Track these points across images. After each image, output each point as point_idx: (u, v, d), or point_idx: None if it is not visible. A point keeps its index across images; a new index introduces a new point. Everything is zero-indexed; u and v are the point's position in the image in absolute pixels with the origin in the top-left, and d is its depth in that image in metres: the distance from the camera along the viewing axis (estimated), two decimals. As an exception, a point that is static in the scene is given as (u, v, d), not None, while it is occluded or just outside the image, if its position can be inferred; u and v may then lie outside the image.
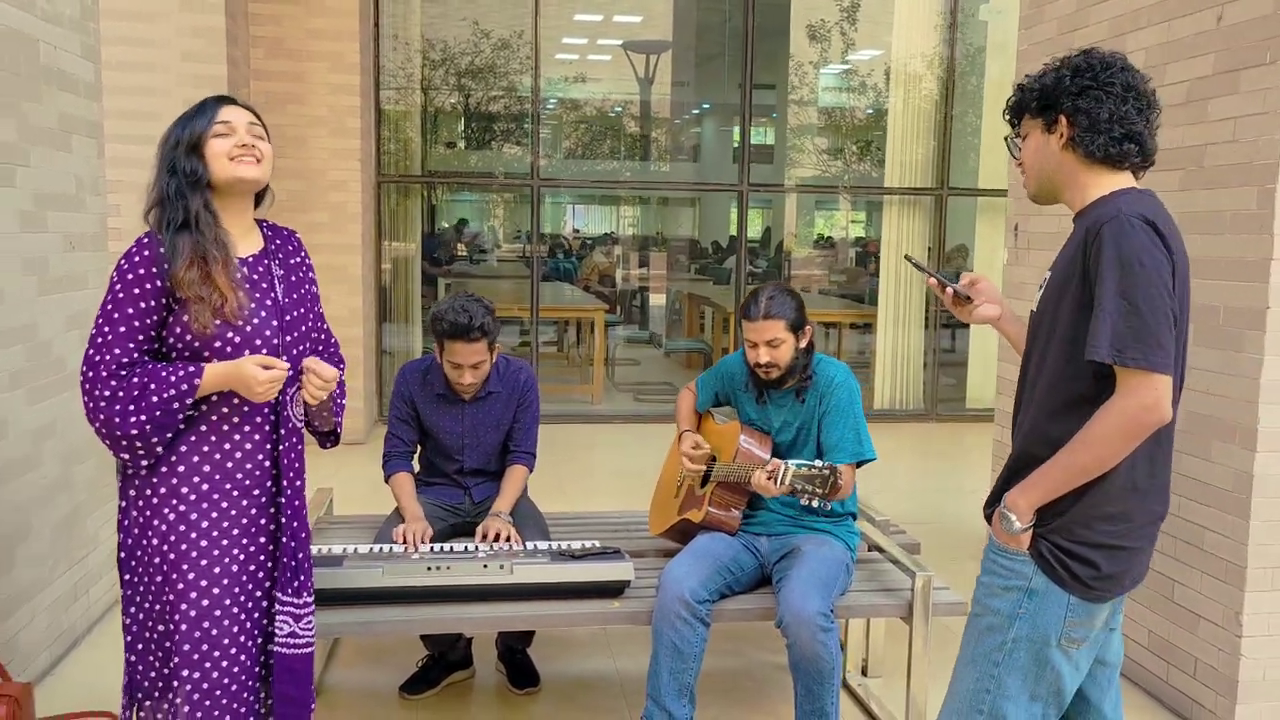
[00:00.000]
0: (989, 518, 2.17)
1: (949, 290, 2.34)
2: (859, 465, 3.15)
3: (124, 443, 2.18)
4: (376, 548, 3.17)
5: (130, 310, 2.19)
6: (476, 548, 3.16)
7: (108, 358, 2.18)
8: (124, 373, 2.18)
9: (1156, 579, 3.53)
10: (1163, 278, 1.88)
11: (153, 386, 2.16)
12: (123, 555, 2.31)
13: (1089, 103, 2.00)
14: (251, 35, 6.80)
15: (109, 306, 2.20)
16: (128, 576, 2.31)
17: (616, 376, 9.91)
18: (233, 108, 2.30)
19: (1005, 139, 2.21)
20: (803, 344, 3.13)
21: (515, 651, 3.58)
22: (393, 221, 8.24)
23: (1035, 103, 2.07)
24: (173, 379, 2.17)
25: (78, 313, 3.79)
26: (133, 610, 2.32)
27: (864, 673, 3.67)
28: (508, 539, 3.22)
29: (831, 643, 2.85)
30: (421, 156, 9.11)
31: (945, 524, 5.58)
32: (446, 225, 13.34)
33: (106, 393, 2.16)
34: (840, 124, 11.63)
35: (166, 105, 5.94)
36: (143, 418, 2.16)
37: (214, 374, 2.19)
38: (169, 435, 2.20)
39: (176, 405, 2.17)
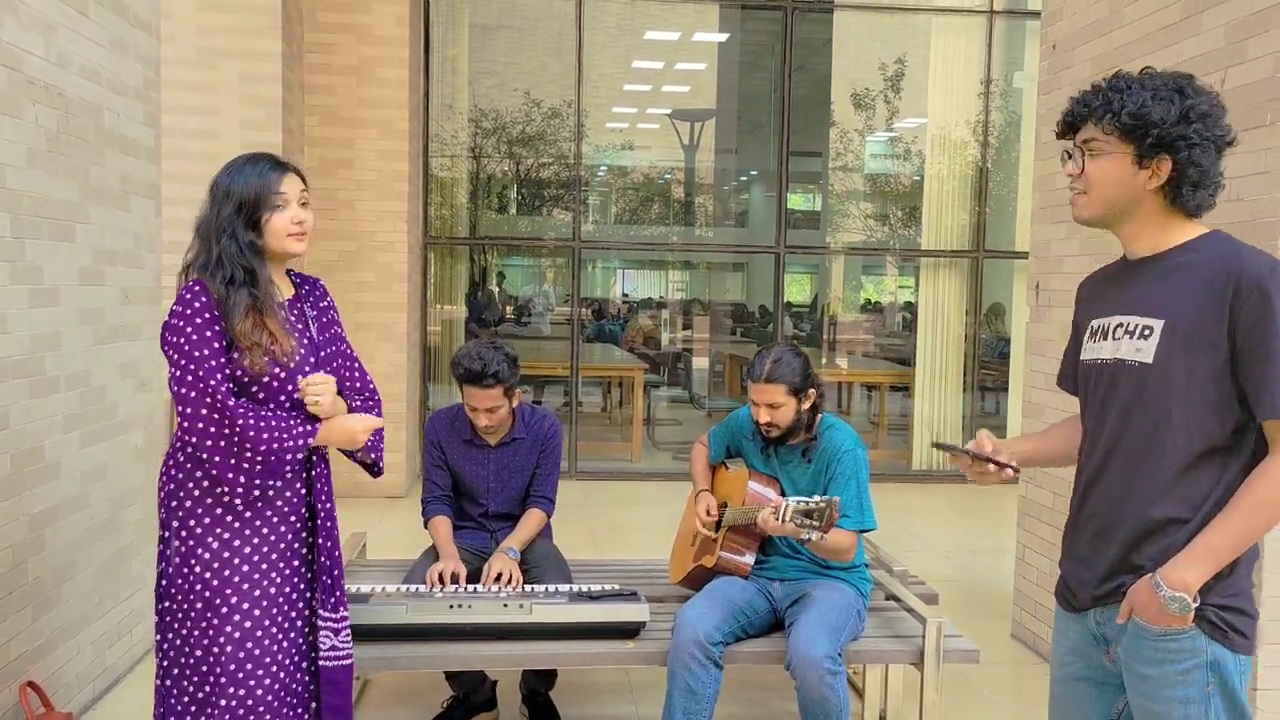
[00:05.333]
0: (1100, 599, 1.95)
1: (1004, 467, 2.10)
2: (861, 534, 3.20)
3: (245, 465, 2.33)
4: (403, 587, 3.29)
5: (207, 348, 2.32)
6: (485, 588, 3.27)
7: (219, 393, 2.29)
8: (235, 403, 2.31)
9: None
10: None
11: (274, 426, 2.33)
12: (164, 583, 2.46)
13: (1204, 156, 1.85)
14: (306, 104, 7.14)
15: (190, 349, 2.30)
16: (167, 604, 2.45)
17: (657, 435, 10.01)
18: (289, 178, 2.46)
19: (1068, 151, 1.98)
20: (805, 406, 3.21)
21: (538, 694, 3.65)
22: (440, 283, 8.50)
23: (1138, 131, 1.85)
24: (291, 433, 2.35)
25: (129, 362, 4.01)
26: (170, 636, 2.46)
27: (882, 723, 3.70)
28: (509, 580, 3.32)
29: (839, 686, 2.90)
30: (470, 221, 9.39)
31: (976, 582, 5.58)
32: (495, 288, 13.65)
33: (239, 420, 2.28)
34: (884, 190, 11.77)
35: (224, 170, 6.25)
36: (262, 449, 2.33)
37: (323, 433, 2.42)
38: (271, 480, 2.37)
39: (290, 457, 2.36)
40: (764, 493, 3.23)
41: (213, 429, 2.30)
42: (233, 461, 2.32)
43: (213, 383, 2.30)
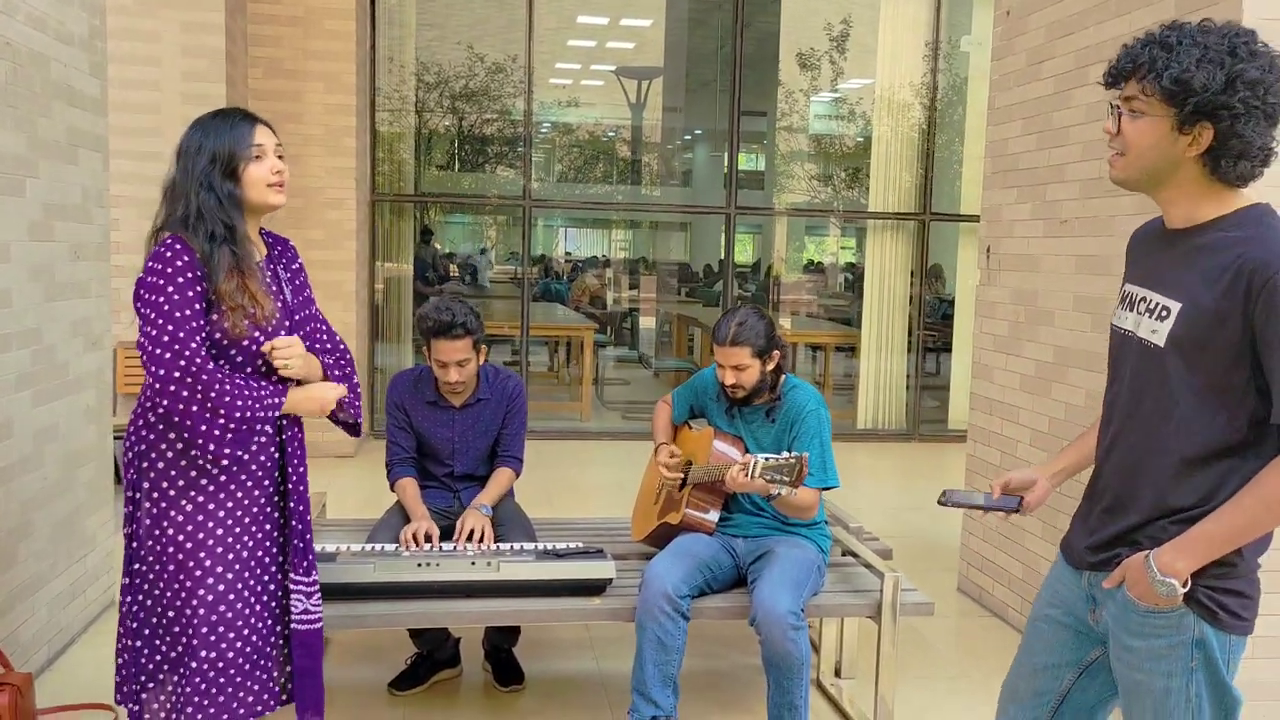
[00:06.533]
0: (1095, 565, 1.96)
1: (1013, 510, 2.12)
2: (823, 491, 3.27)
3: (218, 431, 2.28)
4: (368, 546, 3.29)
5: (188, 309, 2.26)
6: (454, 546, 3.29)
7: (197, 359, 2.24)
8: (212, 367, 2.27)
9: None
10: None
11: (246, 394, 2.29)
12: (134, 545, 2.43)
13: (1248, 127, 1.72)
14: (250, 56, 6.97)
15: (169, 309, 2.24)
16: (138, 565, 2.42)
17: (606, 395, 10.05)
18: (263, 129, 2.42)
19: (1112, 104, 1.86)
20: (769, 367, 3.27)
21: (501, 650, 3.70)
22: (386, 240, 8.40)
23: (1179, 97, 1.72)
24: (263, 401, 2.32)
25: (80, 319, 3.93)
26: (140, 597, 2.43)
27: (837, 674, 3.80)
28: (482, 536, 3.35)
29: (801, 640, 2.98)
30: (415, 177, 9.27)
31: (921, 538, 5.72)
32: (439, 246, 13.52)
33: (215, 385, 2.25)
34: (829, 150, 11.84)
35: (166, 123, 6.11)
36: (237, 415, 2.29)
37: (292, 400, 2.39)
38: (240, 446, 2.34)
39: (259, 425, 2.34)
40: (729, 451, 3.28)
41: (185, 392, 2.25)
42: (204, 427, 2.27)
43: (192, 345, 2.25)
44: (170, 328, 2.25)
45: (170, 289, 2.27)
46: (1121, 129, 1.82)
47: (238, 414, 2.29)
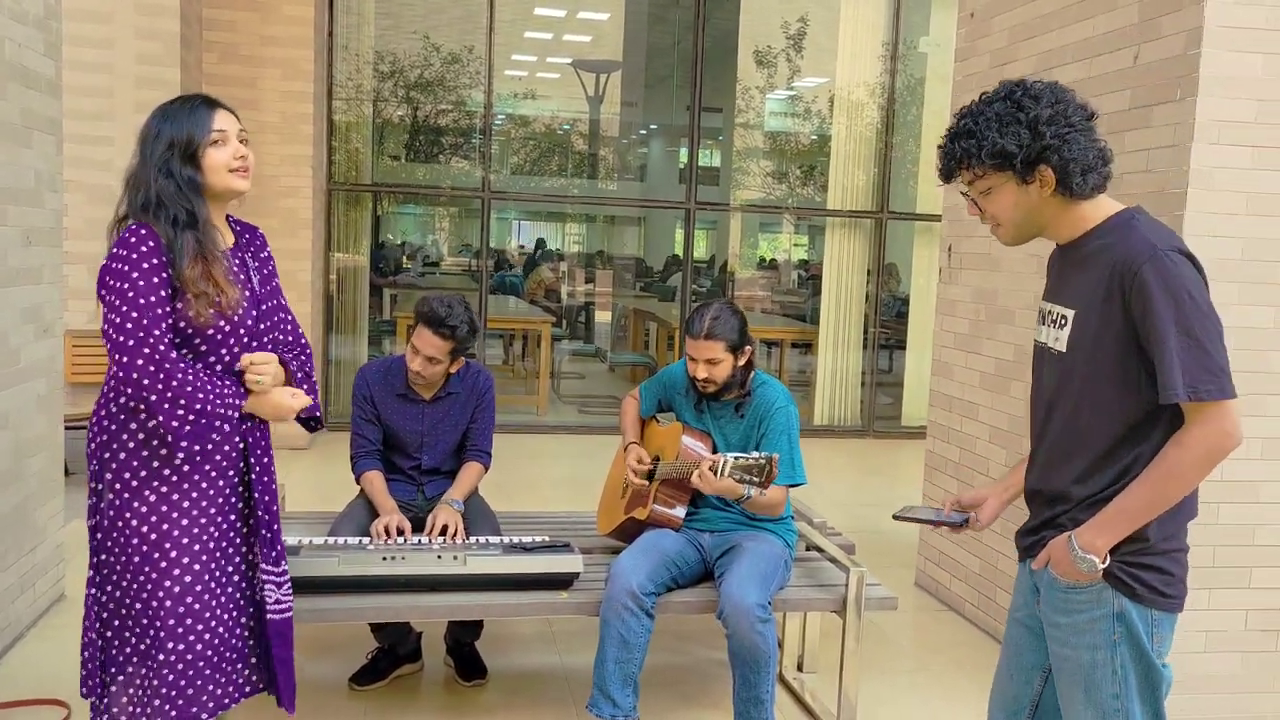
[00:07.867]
0: (1027, 549, 2.13)
1: (958, 526, 2.30)
2: (790, 488, 3.29)
3: (175, 422, 2.25)
4: (332, 539, 3.25)
5: (154, 297, 2.24)
6: (426, 540, 3.26)
7: (161, 346, 2.22)
8: (175, 356, 2.25)
9: None
10: (1209, 303, 1.89)
11: (209, 388, 2.28)
12: (99, 536, 2.38)
13: (1074, 147, 1.93)
14: (205, 40, 6.84)
15: (134, 296, 2.22)
16: (104, 556, 2.38)
17: (562, 389, 10.02)
18: (224, 114, 2.38)
19: (963, 194, 2.09)
20: (741, 362, 3.27)
21: (463, 645, 3.67)
22: (341, 230, 8.30)
23: (1006, 165, 1.95)
24: (224, 398, 2.30)
25: (32, 306, 3.83)
26: (108, 589, 2.39)
27: (800, 668, 3.83)
28: (454, 532, 3.32)
29: (769, 633, 3.00)
30: (371, 167, 9.17)
31: (878, 533, 5.77)
32: (391, 236, 13.38)
33: (178, 375, 2.23)
34: (785, 148, 11.89)
35: (119, 107, 5.97)
36: (198, 407, 2.27)
37: (253, 402, 2.36)
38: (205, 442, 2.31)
39: (218, 422, 2.30)
40: (698, 447, 3.29)
41: (148, 380, 2.22)
42: (165, 417, 2.25)
43: (156, 333, 2.23)
44: (135, 315, 2.23)
45: (135, 275, 2.24)
46: (983, 209, 2.06)
47: (198, 405, 2.27)
